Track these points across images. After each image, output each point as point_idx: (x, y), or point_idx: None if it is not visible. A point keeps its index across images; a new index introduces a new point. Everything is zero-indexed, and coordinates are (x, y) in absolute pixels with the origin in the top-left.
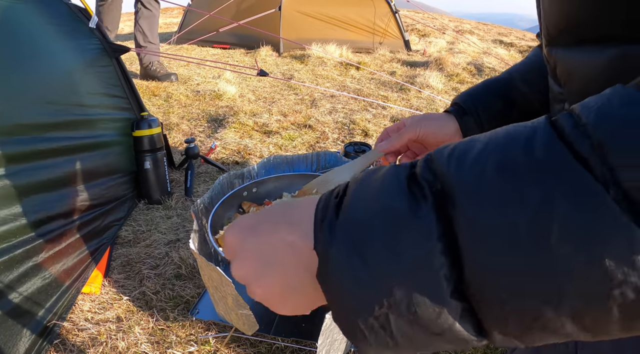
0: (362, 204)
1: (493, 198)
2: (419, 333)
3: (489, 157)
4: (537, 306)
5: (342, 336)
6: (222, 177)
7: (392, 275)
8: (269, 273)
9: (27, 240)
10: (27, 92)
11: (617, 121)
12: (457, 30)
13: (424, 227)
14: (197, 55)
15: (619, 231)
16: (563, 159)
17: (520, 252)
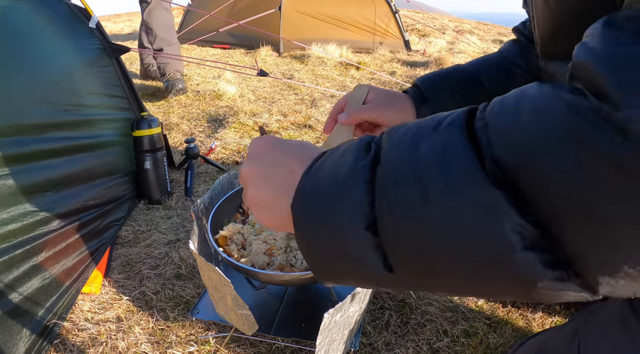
0: (333, 156)
1: (399, 154)
2: (347, 264)
3: (411, 128)
4: (416, 238)
5: (342, 336)
6: (222, 177)
7: (330, 205)
8: (268, 182)
9: (27, 240)
10: (26, 92)
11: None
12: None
13: (359, 172)
14: (197, 55)
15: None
16: (456, 128)
17: (406, 197)
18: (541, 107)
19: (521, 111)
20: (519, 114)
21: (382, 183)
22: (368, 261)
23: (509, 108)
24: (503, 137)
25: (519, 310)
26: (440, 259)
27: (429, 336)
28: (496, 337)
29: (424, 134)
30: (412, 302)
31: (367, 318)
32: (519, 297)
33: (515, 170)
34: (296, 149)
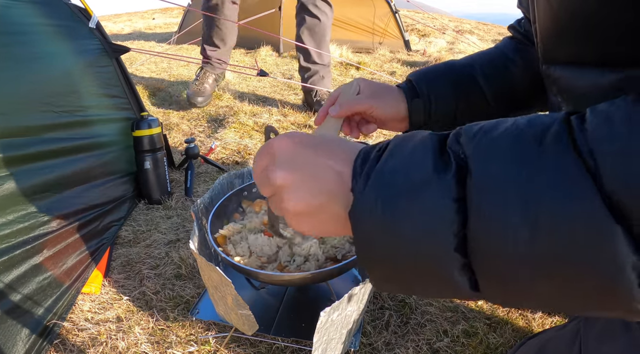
0: (396, 161)
1: (500, 170)
2: (423, 280)
3: (508, 136)
4: (517, 264)
5: (340, 335)
6: (222, 177)
7: (409, 225)
8: (311, 187)
9: (27, 240)
10: (26, 92)
11: (614, 142)
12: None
13: (444, 188)
14: (197, 55)
15: (594, 213)
16: (566, 149)
17: (509, 222)
18: None
19: (634, 140)
20: (632, 145)
21: (480, 203)
22: (452, 282)
23: (619, 135)
24: (613, 171)
25: (519, 310)
26: (542, 287)
27: (429, 336)
28: (496, 337)
29: (527, 149)
30: (412, 302)
31: (367, 318)
32: (628, 318)
33: (629, 208)
34: (333, 146)
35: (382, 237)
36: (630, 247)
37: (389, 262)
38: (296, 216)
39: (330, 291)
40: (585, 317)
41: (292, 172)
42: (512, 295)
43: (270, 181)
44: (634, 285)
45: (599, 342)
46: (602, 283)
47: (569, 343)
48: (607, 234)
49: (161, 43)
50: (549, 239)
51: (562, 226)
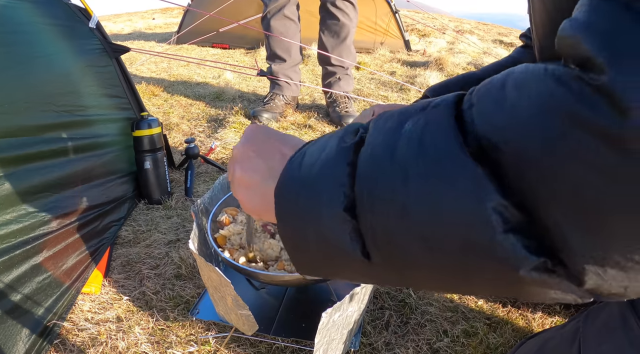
0: (319, 142)
1: (382, 133)
2: (325, 250)
3: (400, 109)
4: (393, 220)
5: (340, 336)
6: (222, 177)
7: (310, 188)
8: (256, 161)
9: (27, 240)
10: (26, 92)
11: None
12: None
13: (341, 154)
14: (197, 55)
15: (456, 157)
16: (445, 107)
17: (385, 176)
18: (524, 81)
19: (506, 88)
20: (503, 92)
21: (363, 163)
22: (345, 246)
23: (495, 87)
24: (485, 114)
25: (519, 310)
26: (416, 241)
27: (429, 336)
28: (496, 337)
29: (410, 114)
30: (412, 302)
31: (367, 318)
32: (501, 288)
33: (497, 147)
34: (288, 137)
35: (292, 212)
36: (495, 190)
37: (299, 237)
38: (239, 186)
39: (330, 291)
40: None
41: (247, 147)
42: (394, 263)
43: (232, 155)
44: (496, 230)
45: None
46: (467, 229)
47: (568, 342)
48: (468, 178)
49: (161, 43)
50: (416, 190)
51: (428, 178)
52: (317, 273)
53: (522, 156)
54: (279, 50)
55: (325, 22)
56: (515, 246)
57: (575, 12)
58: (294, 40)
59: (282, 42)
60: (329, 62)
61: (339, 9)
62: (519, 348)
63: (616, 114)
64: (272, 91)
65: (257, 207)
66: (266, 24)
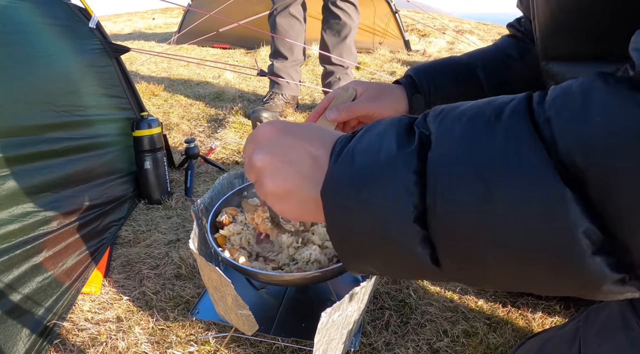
0: (365, 140)
1: (457, 143)
2: (388, 256)
3: (466, 113)
4: (472, 232)
5: (340, 336)
6: (222, 177)
7: (374, 200)
8: (287, 171)
9: (27, 240)
10: (26, 92)
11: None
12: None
13: (406, 161)
14: (197, 55)
15: (545, 180)
16: (520, 120)
17: (465, 189)
18: (613, 105)
19: (590, 107)
20: (587, 111)
21: (434, 173)
22: (413, 254)
23: (575, 103)
24: (570, 134)
25: (519, 310)
26: (496, 253)
27: (429, 336)
28: (496, 337)
29: (484, 122)
30: (412, 302)
31: (367, 318)
32: (577, 294)
33: (582, 170)
34: (312, 131)
35: (349, 216)
36: (582, 213)
37: (357, 241)
38: (273, 198)
39: (330, 291)
40: (585, 316)
41: (271, 156)
42: (469, 271)
43: (252, 165)
44: (586, 253)
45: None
46: (554, 251)
47: (568, 342)
48: (558, 200)
49: (161, 43)
50: (501, 210)
51: (513, 196)
52: (368, 272)
53: (610, 182)
54: (282, 47)
55: (327, 22)
56: (602, 266)
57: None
58: (298, 40)
59: (286, 40)
60: (330, 61)
61: (340, 8)
62: (519, 348)
63: None
64: (272, 90)
65: (299, 214)
66: (272, 21)
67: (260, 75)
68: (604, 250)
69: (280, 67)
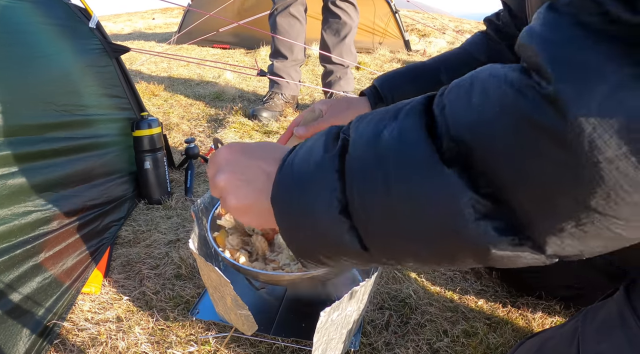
0: (303, 150)
1: (363, 143)
2: (327, 248)
3: (376, 116)
4: (382, 219)
5: (340, 335)
6: None
7: (308, 199)
8: (246, 188)
9: (27, 240)
10: (26, 92)
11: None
12: (457, 30)
13: (329, 162)
14: (197, 55)
15: (427, 158)
16: (414, 114)
17: (370, 181)
18: (489, 86)
19: (473, 92)
20: (470, 95)
21: (350, 171)
22: (345, 242)
23: (464, 90)
24: (458, 118)
25: (519, 310)
26: (405, 237)
27: (429, 336)
28: (496, 337)
29: (385, 122)
30: (412, 302)
31: (367, 318)
32: (481, 262)
33: (468, 145)
34: (265, 150)
35: (292, 217)
36: (465, 185)
37: (302, 238)
38: (237, 213)
39: (331, 291)
40: (584, 315)
41: (230, 176)
42: (390, 251)
43: (215, 185)
44: (469, 220)
45: (596, 340)
46: (446, 223)
47: (567, 341)
48: (439, 175)
49: (161, 43)
50: (398, 194)
51: (405, 179)
52: (319, 264)
53: (489, 152)
54: (282, 47)
55: (327, 21)
56: (487, 229)
57: (533, 20)
58: (298, 40)
59: (286, 40)
60: (330, 61)
61: (340, 8)
62: (519, 347)
63: (560, 117)
64: (272, 90)
65: (261, 223)
66: (272, 21)
67: (260, 75)
68: (488, 216)
69: (280, 67)
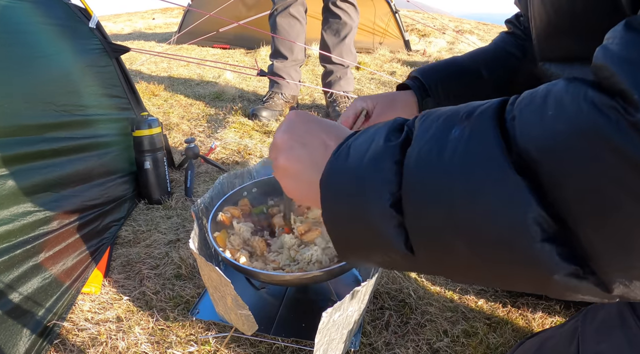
0: (363, 136)
1: (429, 139)
2: (370, 240)
3: (444, 113)
4: (439, 219)
5: (340, 336)
6: (222, 177)
7: (359, 185)
8: (300, 151)
9: (27, 240)
10: (26, 92)
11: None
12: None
13: (389, 152)
14: (197, 55)
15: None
16: (487, 118)
17: (432, 178)
18: (566, 101)
19: (547, 105)
20: (544, 109)
21: (410, 164)
22: (390, 238)
23: (537, 102)
24: (527, 129)
25: (519, 310)
26: (459, 240)
27: (429, 336)
28: (496, 337)
29: (456, 120)
30: (412, 302)
31: (367, 318)
32: (535, 287)
33: (537, 162)
34: (331, 126)
35: (339, 203)
36: (534, 200)
37: (344, 227)
38: (283, 173)
39: (331, 290)
40: (584, 315)
41: (290, 136)
42: (438, 259)
43: (274, 142)
44: (535, 239)
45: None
46: (508, 238)
47: (567, 341)
48: (510, 187)
49: (161, 43)
50: (463, 194)
51: (471, 186)
52: (357, 257)
53: (559, 172)
54: (282, 47)
55: (327, 21)
56: (551, 253)
57: (607, 40)
58: (298, 40)
59: (286, 40)
60: (330, 61)
61: (340, 8)
62: (519, 347)
63: None
64: (272, 90)
65: (302, 195)
66: (272, 21)
67: (260, 75)
68: (554, 239)
69: (280, 67)
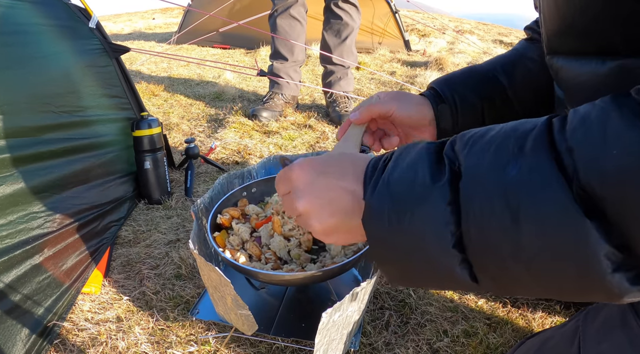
0: (399, 171)
1: (485, 175)
2: (430, 275)
3: (493, 142)
4: (504, 255)
5: (340, 336)
6: (222, 177)
7: (414, 230)
8: (329, 209)
9: (27, 240)
10: (26, 93)
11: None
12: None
13: (440, 194)
14: (197, 55)
15: (572, 216)
16: (542, 150)
17: (495, 217)
18: (626, 139)
19: (608, 140)
20: (606, 144)
21: (467, 203)
22: (455, 275)
23: (595, 135)
24: (591, 166)
25: (519, 310)
26: (527, 275)
27: (429, 336)
28: (496, 337)
29: (509, 155)
30: (412, 302)
31: (367, 318)
32: (598, 300)
33: (601, 198)
34: (342, 166)
35: (391, 241)
36: (602, 238)
37: (399, 263)
38: (323, 235)
39: (331, 291)
40: (585, 315)
41: (312, 200)
42: (504, 286)
43: (294, 208)
44: (607, 272)
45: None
46: (579, 270)
47: (568, 341)
48: (578, 225)
49: (161, 43)
50: (528, 233)
51: (537, 226)
52: (412, 285)
53: (630, 210)
54: (282, 48)
55: (328, 22)
56: (622, 281)
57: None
58: (299, 41)
59: (286, 41)
60: (330, 61)
61: (342, 9)
62: (519, 347)
63: None
64: (272, 90)
65: (347, 240)
66: (272, 22)
67: (260, 75)
68: (622, 267)
69: (280, 68)
